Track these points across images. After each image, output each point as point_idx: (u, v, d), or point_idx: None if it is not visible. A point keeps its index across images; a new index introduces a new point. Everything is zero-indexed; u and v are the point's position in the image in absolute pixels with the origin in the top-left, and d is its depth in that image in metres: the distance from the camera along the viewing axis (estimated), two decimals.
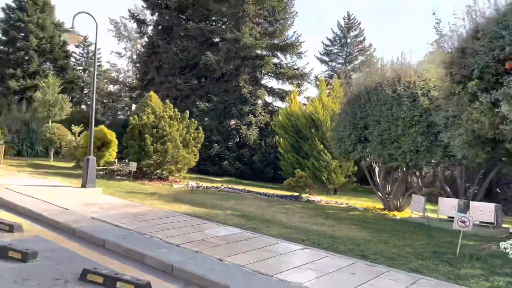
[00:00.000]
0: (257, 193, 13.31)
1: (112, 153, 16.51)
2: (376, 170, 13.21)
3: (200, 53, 22.99)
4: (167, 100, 15.02)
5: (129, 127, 14.31)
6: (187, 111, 15.08)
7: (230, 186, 14.71)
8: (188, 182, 14.30)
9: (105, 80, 35.97)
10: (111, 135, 16.30)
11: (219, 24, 24.86)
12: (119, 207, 8.04)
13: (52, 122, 18.35)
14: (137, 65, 27.90)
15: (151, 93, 17.84)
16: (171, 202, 9.71)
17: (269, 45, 22.38)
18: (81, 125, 17.26)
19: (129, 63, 36.37)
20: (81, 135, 16.61)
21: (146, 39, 27.56)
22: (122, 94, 35.03)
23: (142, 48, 27.01)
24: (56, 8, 35.01)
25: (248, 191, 13.44)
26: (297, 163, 18.31)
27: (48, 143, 17.62)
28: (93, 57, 42.35)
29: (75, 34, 9.23)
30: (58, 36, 34.67)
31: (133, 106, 33.75)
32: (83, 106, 36.97)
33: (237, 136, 21.44)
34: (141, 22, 27.17)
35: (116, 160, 17.39)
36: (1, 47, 33.68)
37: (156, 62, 25.50)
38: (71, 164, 17.18)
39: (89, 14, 10.19)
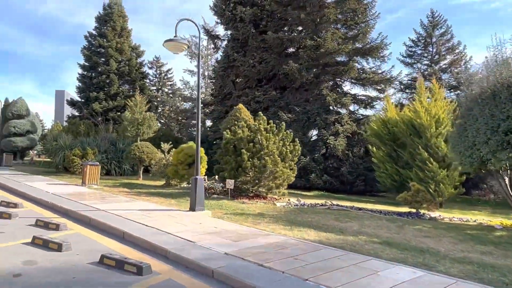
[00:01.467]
0: (370, 210, 11.49)
1: (202, 170, 15.52)
2: (507, 179, 10.91)
3: (278, 64, 21.74)
4: (260, 112, 13.73)
5: (224, 142, 13.17)
6: (283, 123, 13.68)
7: (330, 202, 13.01)
8: (289, 200, 12.82)
9: (179, 98, 36.06)
10: (201, 151, 15.31)
11: (295, 34, 23.51)
12: (244, 236, 6.67)
13: (140, 140, 17.85)
14: (212, 80, 27.24)
15: (240, 106, 16.76)
16: (290, 226, 8.22)
17: (352, 50, 20.58)
18: (170, 142, 16.52)
19: (201, 80, 36.24)
20: (170, 153, 15.83)
21: (221, 54, 26.89)
22: (195, 111, 34.86)
23: (216, 63, 26.34)
24: (133, 31, 35.90)
25: (359, 209, 11.66)
26: (396, 174, 16.23)
27: (137, 161, 17.07)
28: (165, 77, 43.12)
29: (178, 43, 8.03)
30: (135, 59, 35.41)
31: (208, 122, 33.30)
32: (158, 124, 37.30)
33: (324, 147, 19.75)
34: (215, 38, 26.58)
35: (206, 177, 16.41)
36: (85, 73, 34.94)
37: (233, 75, 24.65)
38: (161, 183, 16.45)
39: (191, 20, 9.20)
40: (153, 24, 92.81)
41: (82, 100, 34.24)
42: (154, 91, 40.14)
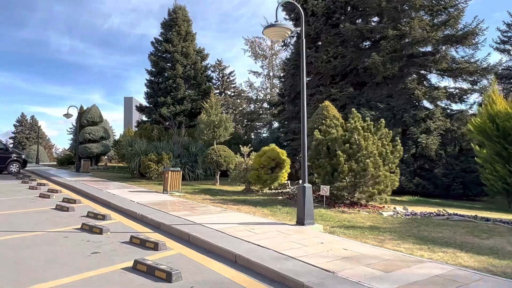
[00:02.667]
0: (499, 221, 9.43)
1: (284, 174, 14.19)
2: None
3: (357, 57, 19.90)
4: (353, 109, 12.11)
5: (315, 144, 11.72)
6: (382, 119, 11.95)
7: (442, 210, 11.04)
8: (394, 208, 11.06)
9: (245, 100, 35.20)
10: (283, 154, 14.00)
11: (373, 24, 21.53)
12: (391, 264, 5.13)
13: (216, 143, 16.87)
14: (281, 79, 25.88)
15: (327, 103, 15.23)
16: (427, 245, 6.55)
17: (442, 38, 18.24)
18: (249, 145, 15.37)
19: (265, 80, 35.09)
20: (250, 156, 14.66)
21: (290, 51, 25.42)
22: (262, 112, 33.76)
23: (286, 61, 24.89)
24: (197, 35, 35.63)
25: (486, 219, 9.64)
26: (510, 176, 13.81)
27: (214, 166, 16.08)
28: (228, 80, 42.58)
29: (281, 28, 6.66)
30: (200, 62, 35.09)
31: (275, 124, 32.07)
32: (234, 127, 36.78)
33: (413, 146, 17.60)
34: None
35: (289, 182, 15.06)
36: (152, 78, 35.16)
37: (305, 73, 23.12)
38: (240, 188, 15.32)
39: (293, 2, 7.85)
40: (210, 31, 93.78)
41: (151, 106, 34.49)
42: (217, 94, 39.70)
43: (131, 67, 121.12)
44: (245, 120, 37.28)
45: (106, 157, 34.90)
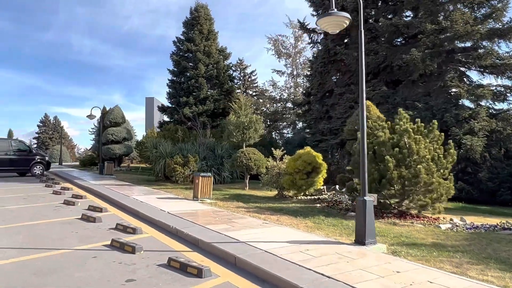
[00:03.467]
0: None
1: (319, 179, 13.14)
2: None
3: (392, 54, 18.67)
4: (401, 109, 10.96)
5: (358, 148, 10.62)
6: (435, 121, 10.80)
7: (506, 221, 9.83)
8: (451, 220, 9.91)
9: (268, 100, 34.20)
10: (319, 158, 12.94)
11: (408, 19, 20.24)
12: None
13: (246, 146, 15.91)
14: (308, 77, 24.74)
15: (368, 102, 14.06)
16: None
17: (486, 32, 16.85)
18: (282, 148, 14.36)
19: (289, 79, 34.01)
20: (283, 160, 13.66)
21: (317, 49, 24.29)
22: (285, 112, 32.70)
23: (314, 59, 23.74)
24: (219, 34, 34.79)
25: None
26: None
27: (244, 170, 15.14)
28: (249, 79, 41.60)
29: (338, 16, 5.62)
30: (222, 61, 34.24)
31: (300, 124, 30.97)
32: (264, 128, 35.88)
33: (455, 148, 16.27)
34: (311, 31, 24.08)
35: (324, 188, 14.01)
36: (174, 78, 34.49)
37: (334, 71, 22.04)
38: (271, 193, 14.36)
39: None
40: (228, 31, 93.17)
41: (173, 106, 33.82)
42: (239, 94, 38.80)
43: (150, 68, 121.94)
44: (268, 121, 36.32)
45: (128, 157, 34.40)
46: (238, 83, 40.97)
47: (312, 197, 13.20)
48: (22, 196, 13.04)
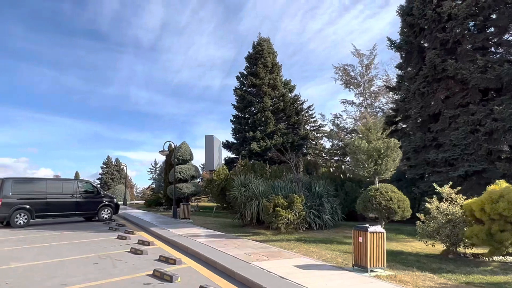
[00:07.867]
0: None
1: None
2: None
3: None
4: None
5: None
6: None
7: None
8: None
9: (337, 132, 29.45)
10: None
11: None
12: None
13: (379, 181, 10.93)
14: (399, 102, 19.80)
15: None
16: None
17: None
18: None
19: (359, 109, 29.20)
20: (456, 200, 8.59)
21: (410, 68, 19.40)
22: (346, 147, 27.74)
23: (408, 79, 18.85)
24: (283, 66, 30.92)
25: None
26: None
27: (384, 214, 10.12)
28: (306, 114, 37.13)
29: None
30: (288, 94, 30.20)
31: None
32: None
33: None
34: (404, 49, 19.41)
35: None
36: (239, 113, 30.69)
37: (443, 90, 17.05)
38: (433, 249, 9.14)
39: None
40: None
41: (238, 142, 29.76)
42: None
43: (198, 114, 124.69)
44: (333, 156, 31.38)
45: (197, 197, 30.22)
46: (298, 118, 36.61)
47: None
48: (91, 258, 8.67)
